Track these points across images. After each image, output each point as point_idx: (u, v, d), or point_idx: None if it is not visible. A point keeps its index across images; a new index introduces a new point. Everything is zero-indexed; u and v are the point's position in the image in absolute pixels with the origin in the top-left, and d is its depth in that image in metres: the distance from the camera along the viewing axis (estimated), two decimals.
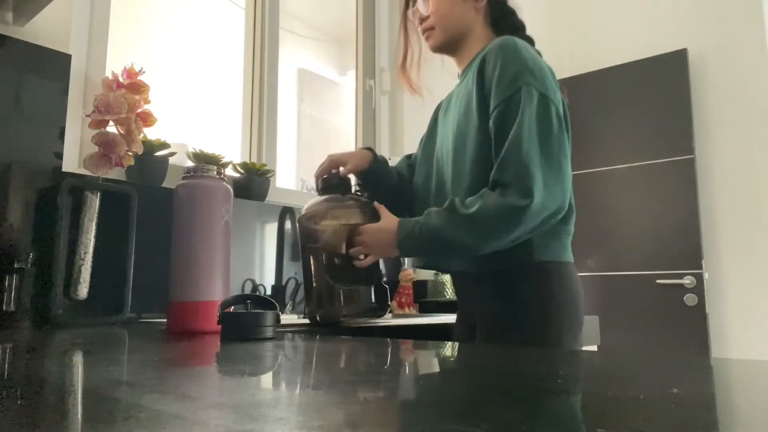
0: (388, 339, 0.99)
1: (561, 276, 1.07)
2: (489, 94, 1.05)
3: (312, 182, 2.65)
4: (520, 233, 0.98)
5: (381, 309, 1.17)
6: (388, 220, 1.10)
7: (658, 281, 2.69)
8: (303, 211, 1.19)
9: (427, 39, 1.22)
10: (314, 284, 1.15)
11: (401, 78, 1.31)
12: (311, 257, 1.16)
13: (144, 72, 1.37)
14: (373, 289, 1.15)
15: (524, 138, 0.98)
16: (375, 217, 1.13)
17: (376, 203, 1.17)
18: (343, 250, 1.12)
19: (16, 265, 1.10)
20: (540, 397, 0.39)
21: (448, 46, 1.21)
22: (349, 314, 1.14)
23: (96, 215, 1.29)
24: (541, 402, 0.38)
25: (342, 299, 1.13)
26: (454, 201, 1.02)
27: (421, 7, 1.20)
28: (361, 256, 1.11)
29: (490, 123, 1.03)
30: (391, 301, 1.88)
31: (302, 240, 1.19)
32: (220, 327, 0.81)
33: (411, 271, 1.94)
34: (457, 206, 1.01)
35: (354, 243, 1.11)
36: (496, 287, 1.08)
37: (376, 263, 1.12)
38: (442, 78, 1.40)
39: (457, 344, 0.93)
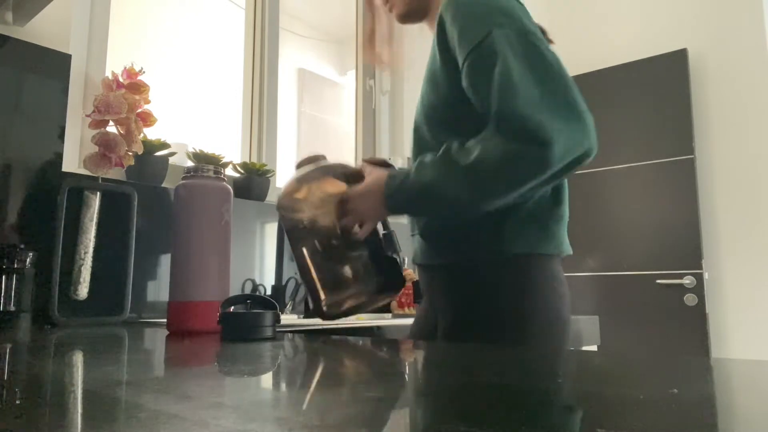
0: (387, 339, 0.99)
1: (530, 273, 0.92)
2: (454, 50, 0.89)
3: None
4: (533, 185, 0.81)
5: (395, 286, 1.00)
6: (374, 178, 0.95)
7: (658, 281, 2.69)
8: (281, 195, 1.03)
9: (391, 11, 1.09)
10: (314, 273, 0.99)
11: (367, 54, 1.17)
12: (301, 245, 1.00)
13: (144, 72, 1.37)
14: (379, 263, 0.98)
15: (515, 83, 0.80)
16: (359, 179, 0.98)
17: (362, 162, 1.04)
18: (334, 226, 0.97)
19: (16, 265, 1.10)
20: (540, 397, 0.39)
21: (414, 12, 1.06)
22: (361, 296, 0.97)
23: (96, 215, 1.29)
24: (541, 402, 0.38)
25: (349, 281, 0.96)
26: (450, 147, 0.86)
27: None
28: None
29: (463, 82, 0.87)
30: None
31: (287, 227, 1.03)
32: (220, 327, 0.81)
33: (411, 271, 1.94)
34: (453, 154, 0.85)
35: (343, 214, 0.96)
36: (460, 282, 0.94)
37: (376, 233, 0.97)
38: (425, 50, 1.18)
39: (456, 345, 0.92)
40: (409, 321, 1.40)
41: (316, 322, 1.40)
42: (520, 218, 0.90)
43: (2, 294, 1.07)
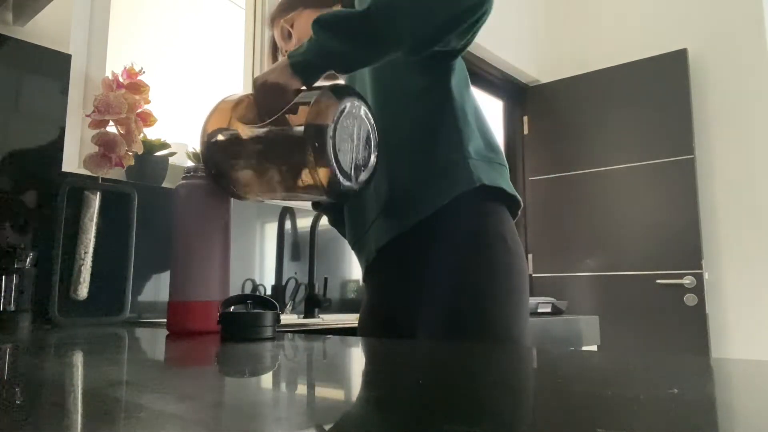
0: (387, 338, 0.99)
1: (500, 202, 1.00)
2: None
3: None
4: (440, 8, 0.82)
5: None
6: None
7: (658, 281, 2.69)
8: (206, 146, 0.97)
9: None
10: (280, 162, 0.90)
11: None
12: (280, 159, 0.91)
13: (144, 72, 1.37)
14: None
15: None
16: None
17: None
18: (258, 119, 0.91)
19: (16, 265, 1.10)
20: (540, 397, 0.39)
21: None
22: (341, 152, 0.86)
23: (96, 215, 1.29)
24: (540, 402, 0.38)
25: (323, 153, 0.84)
26: None
27: (287, 45, 1.15)
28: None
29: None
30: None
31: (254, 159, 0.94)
32: (220, 327, 0.81)
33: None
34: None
35: (256, 97, 0.91)
36: (454, 217, 0.95)
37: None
38: None
39: (456, 342, 0.92)
40: None
41: (316, 322, 1.40)
42: (476, 157, 0.97)
43: (2, 294, 1.08)
